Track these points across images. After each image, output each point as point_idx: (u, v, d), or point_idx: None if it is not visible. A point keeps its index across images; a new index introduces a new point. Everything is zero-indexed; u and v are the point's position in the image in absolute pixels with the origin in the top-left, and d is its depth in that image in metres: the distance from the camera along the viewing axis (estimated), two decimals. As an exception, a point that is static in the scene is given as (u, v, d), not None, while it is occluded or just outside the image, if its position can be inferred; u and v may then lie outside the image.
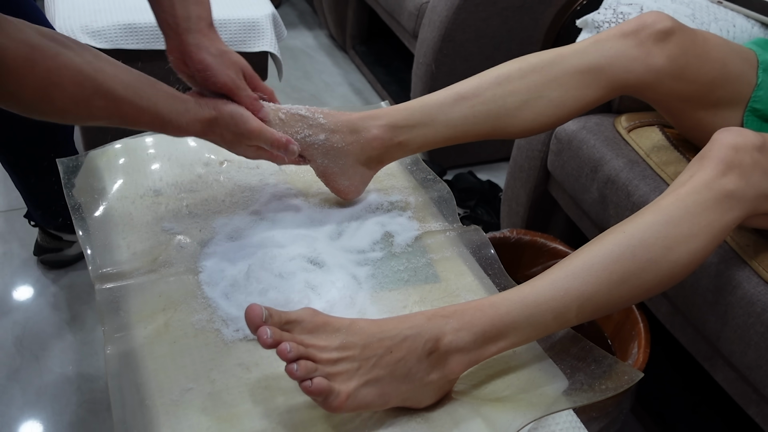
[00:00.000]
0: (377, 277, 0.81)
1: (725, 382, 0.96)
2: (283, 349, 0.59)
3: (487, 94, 0.86)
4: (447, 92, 0.86)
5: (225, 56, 0.78)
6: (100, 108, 0.68)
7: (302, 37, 2.47)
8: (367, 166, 0.87)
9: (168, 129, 0.74)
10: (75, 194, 0.89)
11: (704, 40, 0.91)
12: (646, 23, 0.88)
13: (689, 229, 0.73)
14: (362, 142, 0.84)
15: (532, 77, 0.87)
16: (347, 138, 0.84)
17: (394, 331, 0.64)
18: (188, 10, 0.76)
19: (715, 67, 0.91)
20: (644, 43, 0.88)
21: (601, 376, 0.73)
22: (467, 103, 0.85)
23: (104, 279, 0.77)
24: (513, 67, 0.87)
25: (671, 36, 0.88)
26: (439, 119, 0.85)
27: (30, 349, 1.29)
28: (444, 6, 1.57)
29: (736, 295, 0.89)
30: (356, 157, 0.85)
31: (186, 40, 0.77)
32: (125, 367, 0.68)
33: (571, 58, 0.87)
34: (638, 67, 0.88)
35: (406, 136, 0.85)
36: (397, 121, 0.85)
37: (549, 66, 0.87)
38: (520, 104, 0.86)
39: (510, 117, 0.86)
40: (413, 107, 0.86)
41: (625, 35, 0.89)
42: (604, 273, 0.70)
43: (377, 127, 0.84)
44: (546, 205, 1.35)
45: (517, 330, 0.68)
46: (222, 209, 0.87)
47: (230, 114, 0.77)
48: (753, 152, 0.76)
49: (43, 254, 1.44)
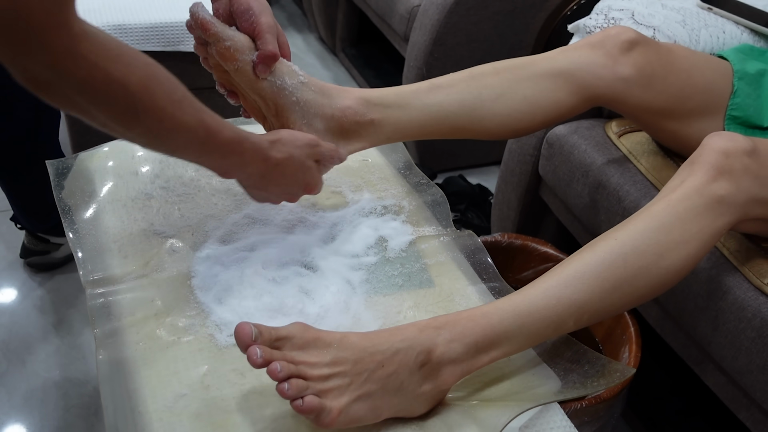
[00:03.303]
0: (371, 282, 0.80)
1: (716, 387, 0.96)
2: (273, 369, 0.59)
3: (462, 85, 0.87)
4: (422, 83, 0.87)
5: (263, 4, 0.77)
6: (189, 114, 0.64)
7: (292, 40, 2.46)
8: (334, 136, 0.83)
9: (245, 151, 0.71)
10: (65, 197, 0.88)
11: (668, 51, 0.93)
12: (610, 35, 0.91)
13: (681, 235, 0.73)
14: (333, 108, 0.82)
15: (505, 74, 0.88)
16: (319, 99, 0.81)
17: (385, 344, 0.64)
18: None
19: (681, 77, 0.93)
20: (611, 53, 0.89)
21: (594, 375, 0.74)
22: (442, 92, 0.86)
23: (96, 284, 0.76)
24: (486, 66, 0.89)
25: (636, 46, 0.90)
26: (413, 103, 0.85)
27: (16, 353, 1.27)
28: (435, 10, 1.57)
29: (726, 300, 0.90)
30: (326, 123, 0.82)
31: None
32: (117, 373, 0.67)
33: (540, 62, 0.89)
34: (607, 74, 0.89)
35: (378, 115, 0.84)
36: (370, 98, 0.84)
37: (521, 68, 0.88)
38: (495, 97, 0.87)
39: (485, 109, 0.87)
40: (388, 90, 0.86)
41: (592, 46, 0.90)
42: (596, 281, 0.70)
43: (350, 98, 0.83)
44: (537, 209, 1.35)
45: (509, 339, 0.68)
46: (214, 212, 0.87)
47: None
48: (743, 157, 0.76)
49: (29, 257, 1.43)
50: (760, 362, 0.86)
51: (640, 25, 1.16)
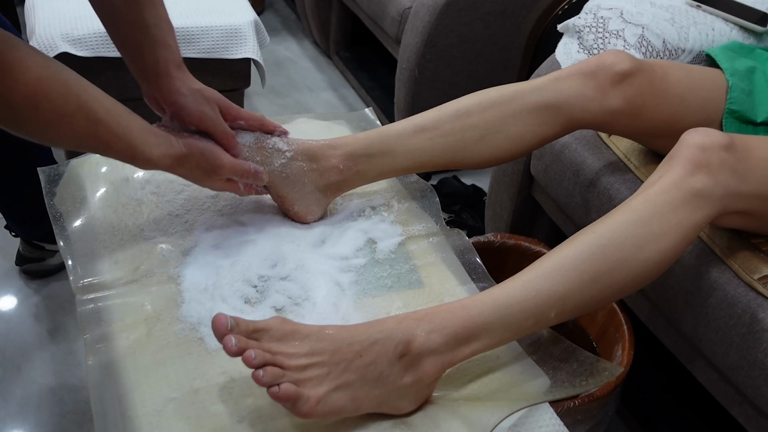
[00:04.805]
0: (360, 284, 0.81)
1: (708, 383, 0.97)
2: (248, 356, 0.60)
3: (446, 127, 0.87)
4: (407, 123, 0.88)
5: (198, 94, 0.79)
6: (80, 126, 0.68)
7: (286, 44, 2.47)
8: (324, 194, 0.87)
9: (137, 160, 0.74)
10: (56, 203, 0.88)
11: (663, 76, 0.92)
12: (604, 64, 0.89)
13: (659, 227, 0.74)
14: (321, 170, 0.85)
15: (491, 112, 0.88)
16: (306, 165, 0.85)
17: (363, 335, 0.65)
18: (156, 55, 0.78)
19: (674, 103, 0.92)
20: (602, 85, 0.89)
21: (582, 374, 0.74)
22: (426, 135, 0.87)
23: (85, 290, 0.76)
24: (473, 101, 0.89)
25: (629, 78, 0.89)
26: (397, 149, 0.87)
27: (12, 359, 1.27)
28: (426, 12, 1.57)
29: (716, 296, 0.90)
30: (315, 185, 0.86)
31: (158, 84, 0.79)
32: (107, 377, 0.68)
33: (530, 94, 0.88)
34: (594, 107, 0.89)
35: (364, 166, 0.87)
36: (355, 151, 0.86)
37: (508, 102, 0.88)
38: (479, 138, 0.88)
39: (468, 151, 0.88)
40: (372, 137, 0.87)
41: (584, 75, 0.89)
42: (574, 272, 0.71)
43: (336, 156, 0.85)
44: (529, 208, 1.36)
45: (489, 331, 0.69)
46: (205, 217, 0.87)
47: (201, 151, 0.78)
48: (720, 152, 0.77)
49: (25, 264, 1.43)
50: (750, 358, 0.86)
51: (629, 24, 1.16)
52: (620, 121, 0.91)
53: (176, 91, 0.79)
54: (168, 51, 0.79)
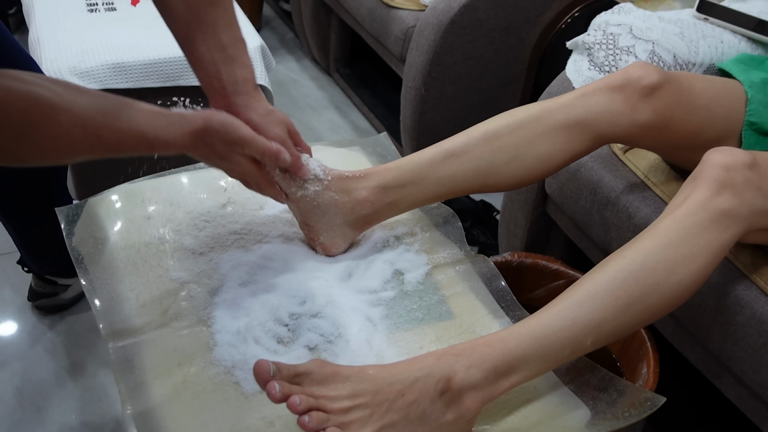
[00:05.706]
0: (392, 318, 0.80)
1: (737, 400, 0.96)
2: (293, 402, 0.60)
3: (476, 151, 0.86)
4: (436, 149, 0.87)
5: (271, 115, 0.80)
6: (80, 140, 0.65)
7: (285, 62, 2.47)
8: (352, 227, 0.87)
9: (156, 147, 0.71)
10: (77, 245, 0.87)
11: (689, 88, 0.91)
12: (632, 78, 0.88)
13: (689, 250, 0.74)
14: (352, 203, 0.85)
15: (520, 133, 0.87)
16: (339, 197, 0.84)
17: (404, 374, 0.65)
18: (234, 74, 0.78)
19: (700, 114, 0.92)
20: (630, 99, 0.88)
21: (623, 404, 0.73)
22: (457, 161, 0.86)
23: (116, 336, 0.75)
24: (501, 123, 0.88)
25: (657, 90, 0.88)
26: (429, 177, 0.86)
27: (31, 399, 1.26)
28: (431, 30, 1.57)
29: (744, 314, 0.90)
30: (344, 217, 0.85)
31: (233, 101, 0.79)
32: (145, 428, 0.67)
33: (557, 112, 0.88)
34: (624, 122, 0.88)
35: (396, 196, 0.86)
36: (387, 182, 0.85)
37: (536, 121, 0.87)
38: (509, 160, 0.87)
39: (498, 174, 0.88)
40: (404, 166, 0.86)
41: (611, 90, 0.88)
42: (609, 299, 0.71)
43: (367, 189, 0.85)
44: (544, 225, 1.35)
45: (528, 363, 0.69)
46: (229, 254, 0.86)
47: (221, 122, 0.75)
48: (744, 170, 0.77)
49: (38, 299, 1.42)
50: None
51: (639, 40, 1.16)
52: (648, 134, 0.90)
53: (252, 109, 0.79)
54: (246, 70, 0.80)
